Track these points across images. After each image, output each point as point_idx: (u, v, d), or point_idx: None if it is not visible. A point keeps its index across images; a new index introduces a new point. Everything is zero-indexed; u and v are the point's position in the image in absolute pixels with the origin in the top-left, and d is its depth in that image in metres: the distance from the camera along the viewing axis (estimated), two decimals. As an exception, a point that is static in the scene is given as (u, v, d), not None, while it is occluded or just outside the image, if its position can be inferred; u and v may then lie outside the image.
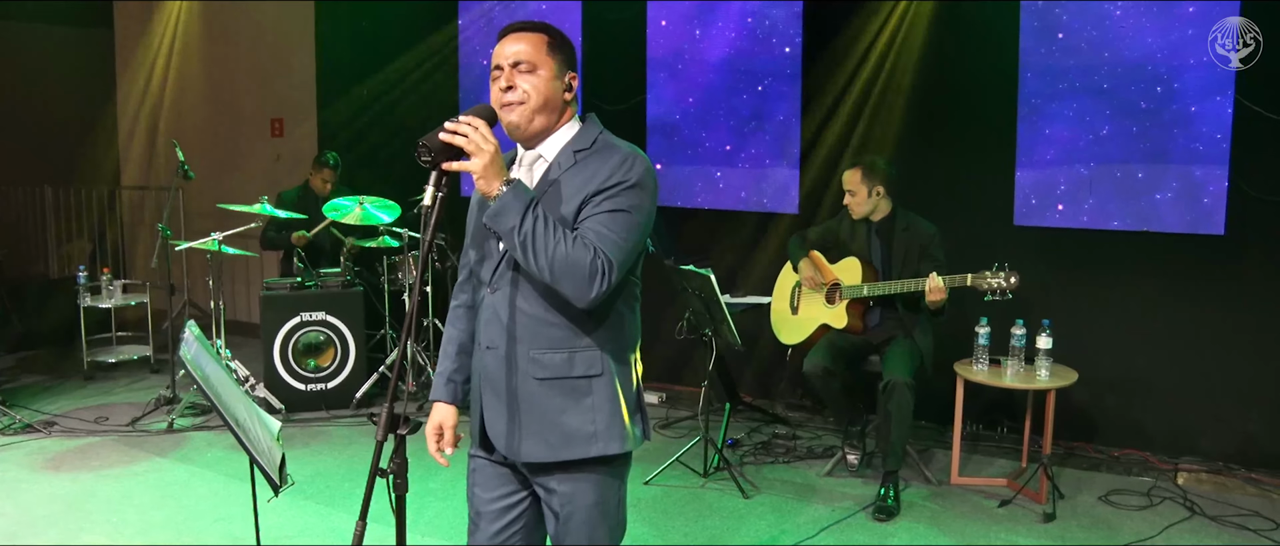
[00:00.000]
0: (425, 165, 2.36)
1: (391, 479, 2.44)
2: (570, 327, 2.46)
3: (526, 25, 2.50)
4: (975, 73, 5.87)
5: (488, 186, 2.34)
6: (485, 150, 2.31)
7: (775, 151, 6.45)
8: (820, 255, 5.36)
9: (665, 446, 5.65)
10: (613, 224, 2.38)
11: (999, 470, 5.40)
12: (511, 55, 2.45)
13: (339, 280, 6.43)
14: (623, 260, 2.38)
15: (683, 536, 4.56)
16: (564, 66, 2.49)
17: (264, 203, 6.31)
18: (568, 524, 2.55)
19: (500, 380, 2.52)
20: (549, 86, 2.46)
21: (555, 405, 2.48)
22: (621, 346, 2.54)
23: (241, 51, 8.98)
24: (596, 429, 2.48)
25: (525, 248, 2.33)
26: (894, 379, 4.82)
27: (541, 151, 2.51)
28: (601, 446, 2.48)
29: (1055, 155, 5.67)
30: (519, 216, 2.32)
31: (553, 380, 2.47)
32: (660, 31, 6.74)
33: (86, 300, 7.31)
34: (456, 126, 2.32)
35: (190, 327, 2.93)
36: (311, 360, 6.33)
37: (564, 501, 2.54)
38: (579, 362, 2.47)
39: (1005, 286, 4.60)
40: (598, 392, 2.49)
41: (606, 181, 2.40)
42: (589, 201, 2.40)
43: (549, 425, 2.48)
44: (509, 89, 2.44)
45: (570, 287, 2.34)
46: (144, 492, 5.04)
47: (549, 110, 2.47)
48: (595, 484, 2.54)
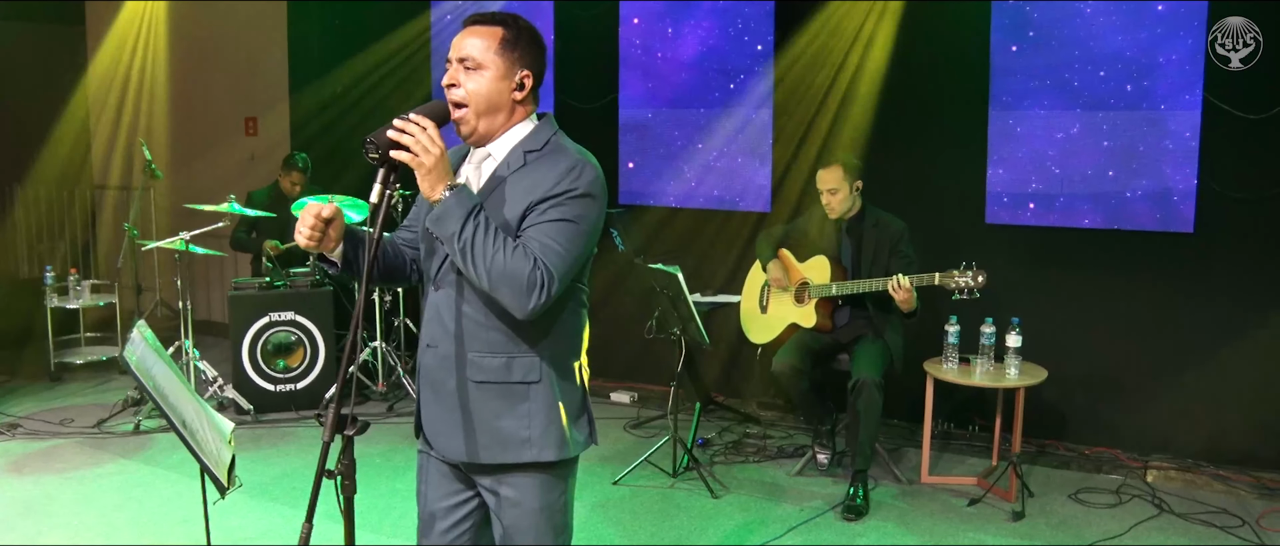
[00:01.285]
0: (372, 162, 2.33)
1: (339, 480, 2.41)
2: (510, 333, 2.43)
3: (486, 18, 2.44)
4: (946, 71, 5.86)
5: (431, 189, 2.30)
6: (431, 152, 2.27)
7: (747, 149, 6.43)
8: (789, 254, 5.35)
9: (635, 446, 5.63)
10: (556, 234, 2.34)
11: (970, 469, 5.39)
12: (460, 51, 2.41)
13: (308, 280, 6.38)
14: (564, 271, 2.34)
15: (650, 536, 4.53)
16: (515, 65, 2.43)
17: (232, 202, 6.25)
18: (512, 528, 2.53)
19: (439, 380, 2.50)
20: (493, 87, 2.40)
21: (492, 409, 2.45)
22: (563, 352, 2.50)
23: (214, 50, 8.91)
24: (531, 435, 2.45)
25: (465, 255, 2.29)
26: (862, 378, 4.80)
27: (491, 150, 2.48)
28: (535, 452, 2.45)
29: (1026, 153, 5.67)
30: (459, 223, 2.28)
31: (490, 384, 2.44)
32: (632, 29, 6.71)
33: (53, 300, 7.23)
34: (404, 125, 2.29)
35: (139, 328, 2.88)
36: (281, 360, 6.28)
37: (507, 505, 2.51)
38: (517, 368, 2.44)
39: (972, 285, 4.59)
40: (535, 399, 2.45)
41: (553, 188, 2.35)
42: (534, 208, 2.36)
43: (484, 428, 2.45)
44: (452, 86, 2.41)
45: (508, 298, 2.30)
46: (107, 495, 4.98)
47: (493, 111, 2.43)
48: (538, 488, 2.51)
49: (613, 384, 6.80)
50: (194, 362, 6.27)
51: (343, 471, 2.39)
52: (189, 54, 9.08)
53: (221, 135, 8.93)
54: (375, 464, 5.34)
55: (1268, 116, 5.12)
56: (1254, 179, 5.22)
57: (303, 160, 7.00)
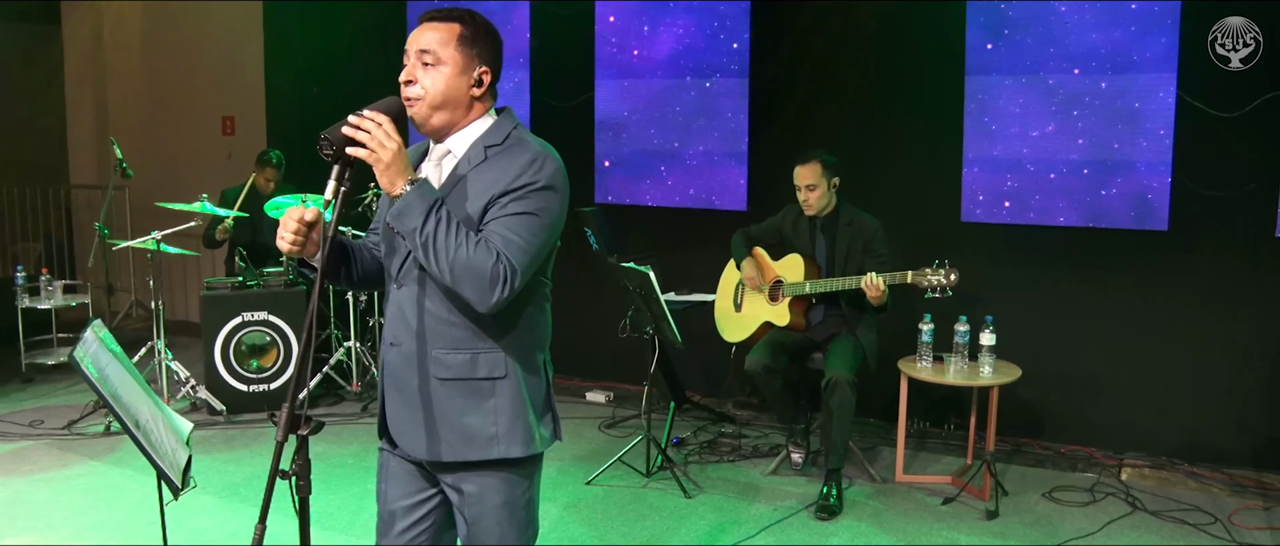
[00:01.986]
0: (327, 159, 2.31)
1: (293, 481, 2.38)
2: (474, 328, 2.41)
3: (445, 13, 2.43)
4: (922, 70, 5.85)
5: (390, 185, 2.29)
6: (388, 147, 2.26)
7: (723, 148, 6.41)
8: (763, 252, 5.33)
9: (610, 446, 5.60)
10: (518, 227, 2.32)
11: (944, 467, 5.38)
12: (418, 45, 2.39)
13: (282, 279, 6.33)
14: (526, 265, 2.32)
15: (621, 536, 4.50)
16: (474, 61, 2.41)
17: (204, 200, 6.20)
18: (476, 525, 2.51)
19: (404, 378, 2.47)
20: (451, 83, 2.39)
21: (457, 406, 2.43)
22: (528, 348, 2.48)
23: (191, 49, 8.86)
24: (498, 431, 2.43)
25: (426, 250, 2.28)
26: (836, 376, 4.78)
27: (450, 146, 2.46)
28: (503, 449, 2.44)
29: (1002, 151, 5.67)
30: (421, 218, 2.27)
31: (455, 381, 2.42)
32: (609, 28, 6.68)
33: (25, 301, 7.15)
34: (360, 122, 2.27)
35: (93, 328, 2.85)
36: (254, 361, 6.23)
37: (471, 502, 2.50)
38: (482, 364, 2.42)
39: (945, 283, 4.57)
40: (501, 394, 2.43)
41: (514, 182, 2.34)
42: (495, 202, 2.34)
43: (450, 425, 2.43)
44: (409, 82, 2.40)
45: (471, 292, 2.29)
46: (76, 496, 4.93)
47: (450, 107, 2.41)
48: (502, 485, 2.49)
49: (588, 383, 6.78)
50: (166, 363, 6.22)
51: (297, 471, 2.37)
52: (166, 53, 9.03)
53: (199, 134, 8.88)
54: (348, 464, 5.30)
55: (1242, 114, 5.12)
56: (1228, 176, 5.23)
57: (277, 157, 6.95)
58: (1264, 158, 5.12)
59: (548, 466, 5.26)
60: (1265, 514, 4.77)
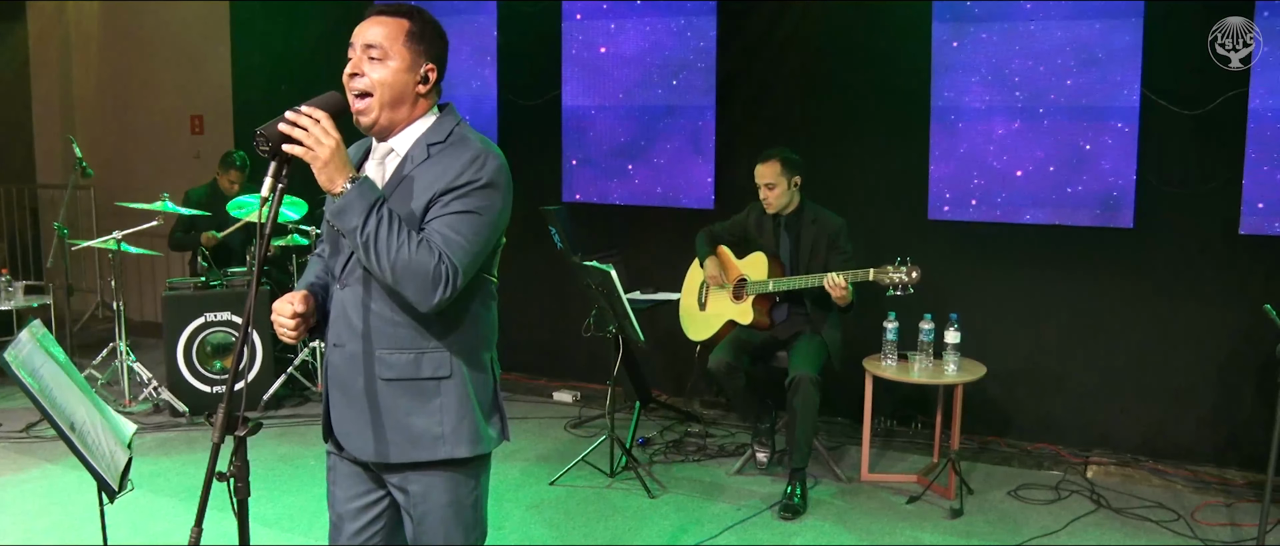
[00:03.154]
0: (264, 155, 2.27)
1: (231, 483, 2.34)
2: (418, 328, 2.38)
3: (393, 8, 2.41)
4: (889, 67, 5.83)
5: (329, 183, 2.26)
6: (325, 144, 2.23)
7: (690, 146, 6.38)
8: (727, 250, 5.30)
9: (575, 446, 5.56)
10: (460, 226, 2.30)
11: (910, 466, 5.36)
12: (365, 38, 2.37)
13: (245, 279, 6.26)
14: (468, 264, 2.30)
15: (583, 536, 4.47)
16: (421, 58, 2.39)
17: (165, 200, 6.13)
18: (422, 525, 2.50)
19: (348, 379, 2.44)
20: (398, 78, 2.36)
21: (402, 406, 2.40)
22: (473, 347, 2.45)
23: (158, 48, 8.79)
24: (444, 431, 2.40)
25: (367, 249, 2.25)
26: (799, 375, 4.76)
27: (393, 145, 2.43)
28: (448, 449, 2.41)
29: (968, 149, 5.66)
30: (361, 216, 2.24)
31: (400, 381, 2.39)
32: (575, 26, 6.64)
33: (-17, 302, 7.06)
34: (296, 118, 2.24)
35: (31, 329, 2.79)
36: (218, 361, 6.16)
37: (416, 502, 2.48)
38: (427, 364, 2.39)
39: (907, 280, 4.55)
40: (446, 394, 2.40)
41: (455, 180, 2.31)
42: (437, 200, 2.31)
43: (395, 426, 2.40)
44: (355, 76, 2.36)
45: (412, 292, 2.26)
46: (29, 500, 4.86)
47: (397, 104, 2.38)
48: (447, 484, 2.46)
49: (555, 383, 6.74)
50: (128, 364, 6.15)
51: (235, 473, 2.33)
52: (133, 52, 8.95)
53: (167, 134, 8.80)
54: (310, 466, 5.25)
55: (1205, 112, 5.13)
56: (1192, 174, 5.24)
57: (241, 158, 6.88)
58: (1227, 154, 5.13)
59: (511, 466, 5.25)
60: (1227, 510, 4.78)
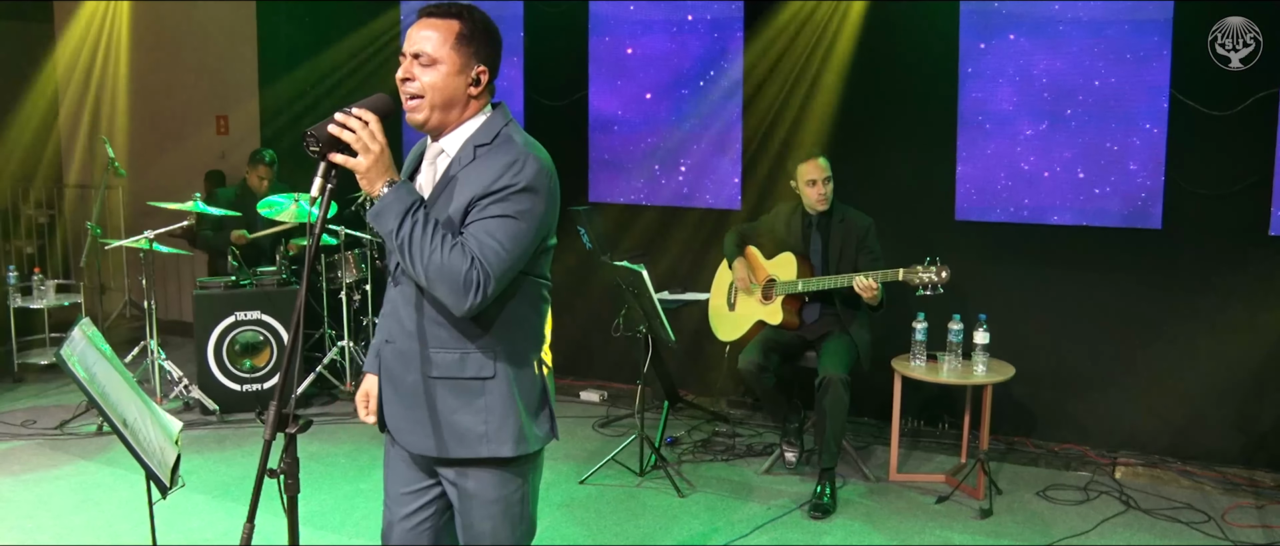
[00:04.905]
0: (312, 156, 2.30)
1: (282, 479, 2.37)
2: (461, 329, 2.41)
3: (443, 10, 2.40)
4: (916, 67, 5.84)
5: (370, 185, 2.28)
6: (371, 149, 2.26)
7: (717, 147, 6.40)
8: (756, 251, 5.32)
9: (604, 445, 5.59)
10: (496, 230, 2.30)
11: (938, 466, 5.37)
12: (415, 44, 2.37)
13: (274, 278, 6.31)
14: (503, 270, 2.30)
15: (614, 536, 4.49)
16: (472, 60, 2.39)
17: (196, 200, 6.19)
18: (471, 520, 2.53)
19: (398, 374, 2.49)
20: (448, 83, 2.37)
21: (448, 403, 2.43)
22: (519, 348, 2.47)
23: (183, 47, 8.83)
24: (487, 430, 2.43)
25: (403, 251, 2.28)
26: (829, 375, 4.77)
27: (444, 145, 2.45)
28: (491, 448, 2.43)
29: (995, 150, 5.66)
30: (397, 219, 2.27)
31: (446, 379, 2.43)
32: (602, 26, 6.67)
33: (16, 300, 7.14)
34: (346, 120, 2.26)
35: (81, 326, 2.83)
36: (247, 360, 6.21)
37: (465, 498, 2.51)
38: (471, 364, 2.42)
39: (936, 280, 4.57)
40: (490, 394, 2.43)
41: (493, 184, 2.32)
42: (475, 204, 2.33)
43: (440, 422, 2.43)
44: (406, 80, 2.38)
45: (445, 296, 2.29)
46: (64, 496, 4.91)
47: (447, 107, 2.40)
48: (496, 481, 2.50)
49: (582, 382, 6.76)
50: (159, 363, 6.20)
51: (285, 470, 2.36)
52: (157, 51, 8.99)
53: (192, 133, 8.85)
54: (340, 464, 5.28)
55: (1233, 113, 5.12)
56: (1220, 175, 5.22)
57: (269, 155, 6.95)
58: (1256, 156, 5.12)
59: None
60: (1258, 512, 4.77)
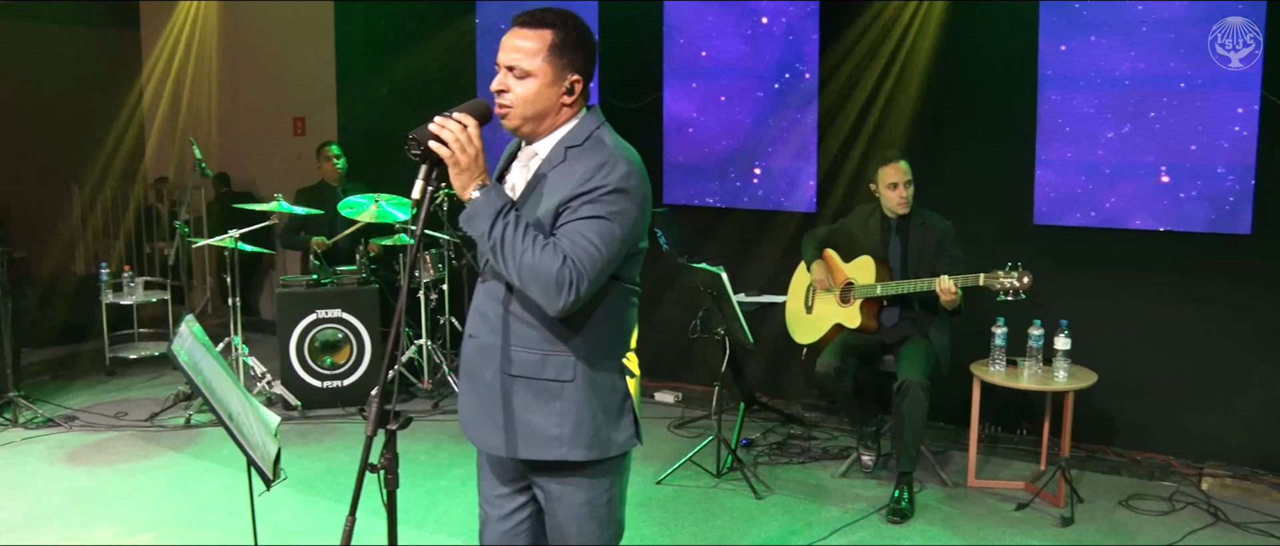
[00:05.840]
0: (414, 158, 2.35)
1: (382, 474, 2.42)
2: (546, 330, 2.43)
3: (537, 19, 2.41)
4: (994, 70, 5.78)
5: (462, 188, 2.33)
6: (467, 151, 2.30)
7: (791, 149, 6.39)
8: (834, 254, 5.31)
9: (679, 446, 5.61)
10: (588, 230, 2.32)
11: (1016, 473, 5.31)
12: (508, 57, 2.40)
13: (355, 278, 6.43)
14: (596, 270, 2.31)
15: (692, 536, 4.52)
16: (565, 71, 2.41)
17: (279, 200, 6.33)
18: (557, 522, 2.56)
19: (477, 370, 2.52)
20: (541, 94, 2.39)
21: (523, 403, 2.46)
22: (602, 352, 2.48)
23: (264, 50, 9.00)
24: (562, 433, 2.44)
25: (496, 253, 2.31)
26: (908, 379, 4.75)
27: (537, 148, 2.49)
28: (564, 452, 2.45)
29: (1075, 154, 5.58)
30: (489, 222, 2.30)
31: (524, 378, 2.45)
32: (676, 29, 6.70)
33: (108, 297, 7.36)
34: (444, 123, 2.31)
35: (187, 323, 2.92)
36: (328, 357, 6.33)
37: (553, 500, 2.54)
38: (551, 366, 2.44)
39: (1018, 286, 4.52)
40: (567, 398, 2.44)
41: (583, 185, 2.34)
42: (566, 205, 2.35)
43: (515, 422, 2.46)
44: (501, 91, 2.41)
45: (538, 296, 2.32)
46: (156, 487, 5.06)
47: (540, 116, 2.42)
48: (582, 484, 2.52)
49: (657, 384, 6.79)
50: (242, 359, 6.35)
51: (386, 466, 2.41)
52: (239, 54, 9.19)
53: (270, 134, 9.03)
54: (419, 461, 5.36)
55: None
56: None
57: (336, 148, 7.19)
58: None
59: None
60: (1352, 525, 4.66)
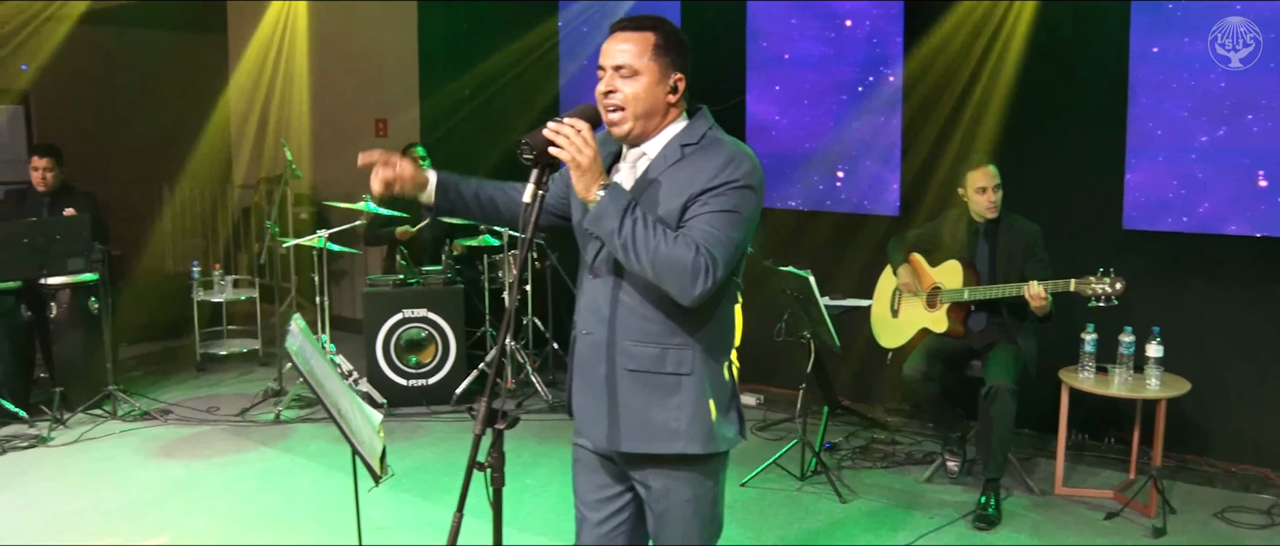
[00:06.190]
0: (526, 163, 2.39)
1: (489, 472, 2.45)
2: (666, 324, 2.46)
3: (636, 23, 2.48)
4: (1082, 71, 5.69)
5: (586, 191, 2.35)
6: (585, 153, 2.33)
7: (874, 152, 6.36)
8: (920, 258, 5.28)
9: (762, 448, 5.61)
10: (717, 222, 2.37)
11: (1104, 481, 5.23)
12: (614, 58, 2.45)
13: (440, 277, 6.53)
14: (727, 258, 2.37)
15: (778, 538, 4.53)
16: (669, 69, 2.47)
17: (367, 200, 6.45)
18: (663, 520, 2.58)
19: (591, 366, 2.54)
20: (650, 93, 2.45)
21: (642, 398, 2.48)
22: (716, 346, 2.53)
23: (346, 52, 9.14)
24: (680, 427, 2.48)
25: (626, 250, 2.34)
26: (997, 384, 4.71)
27: (645, 148, 2.53)
28: (683, 445, 2.48)
29: (1167, 157, 5.48)
30: (618, 220, 2.33)
31: (643, 373, 2.48)
32: (759, 31, 6.70)
33: (199, 295, 7.55)
34: (559, 128, 2.34)
35: (296, 320, 3.00)
36: (413, 356, 6.44)
37: (659, 497, 2.56)
38: (670, 360, 2.47)
39: (1110, 292, 4.47)
40: (686, 391, 2.48)
41: (712, 180, 2.39)
42: (696, 199, 2.40)
43: (632, 417, 2.49)
44: (609, 93, 2.46)
45: (674, 286, 2.34)
46: (249, 480, 5.19)
47: (650, 115, 2.48)
48: (689, 480, 2.55)
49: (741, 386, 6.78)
50: (331, 357, 6.47)
51: (493, 464, 2.44)
52: (323, 56, 9.34)
53: (353, 136, 9.16)
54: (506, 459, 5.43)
55: None
56: None
57: (421, 149, 7.29)
58: None
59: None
60: None
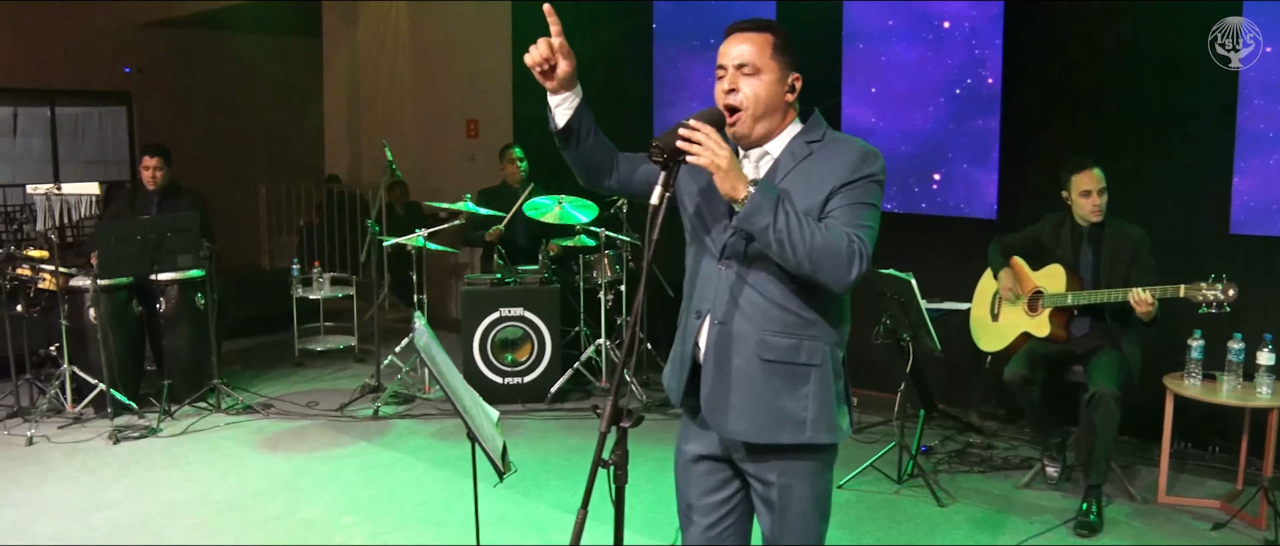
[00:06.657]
0: (656, 164, 2.43)
1: (613, 470, 2.50)
2: (802, 316, 2.50)
3: (753, 25, 2.53)
4: (1187, 71, 5.56)
5: (732, 189, 2.37)
6: (722, 156, 2.35)
7: (972, 156, 6.30)
8: (1021, 262, 5.23)
9: (858, 451, 5.60)
10: (860, 214, 2.45)
11: (1209, 491, 5.13)
12: (736, 57, 2.50)
13: (537, 277, 6.62)
14: (872, 247, 2.44)
15: (876, 540, 4.52)
16: (788, 69, 2.52)
17: (467, 200, 6.56)
18: (784, 515, 2.59)
19: (724, 355, 2.55)
20: (771, 90, 2.50)
21: (773, 388, 2.51)
22: (838, 339, 2.59)
23: (440, 53, 9.27)
24: (809, 417, 2.52)
25: (781, 243, 2.36)
26: (1101, 390, 4.65)
27: (768, 148, 2.57)
28: (811, 435, 2.52)
29: (1279, 159, 5.36)
30: (771, 215, 2.36)
31: (778, 363, 2.51)
32: (855, 33, 6.68)
33: (298, 291, 7.74)
34: (690, 133, 2.38)
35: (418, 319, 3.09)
36: (509, 354, 6.53)
37: (781, 492, 2.58)
38: (805, 351, 2.51)
39: (1222, 299, 4.38)
40: (814, 382, 2.52)
41: (852, 173, 2.46)
42: (837, 192, 2.46)
43: (763, 406, 2.51)
44: (732, 91, 2.49)
45: (829, 273, 2.38)
46: (351, 474, 5.32)
47: (771, 114, 2.52)
48: (810, 474, 2.58)
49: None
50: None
51: (616, 462, 2.49)
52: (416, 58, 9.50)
53: (445, 137, 9.31)
54: (600, 457, 5.50)
55: None
56: None
57: (518, 151, 7.41)
58: None
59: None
60: None
